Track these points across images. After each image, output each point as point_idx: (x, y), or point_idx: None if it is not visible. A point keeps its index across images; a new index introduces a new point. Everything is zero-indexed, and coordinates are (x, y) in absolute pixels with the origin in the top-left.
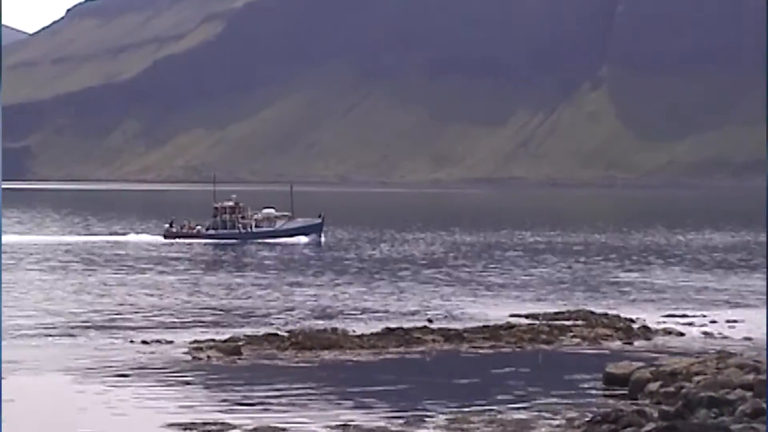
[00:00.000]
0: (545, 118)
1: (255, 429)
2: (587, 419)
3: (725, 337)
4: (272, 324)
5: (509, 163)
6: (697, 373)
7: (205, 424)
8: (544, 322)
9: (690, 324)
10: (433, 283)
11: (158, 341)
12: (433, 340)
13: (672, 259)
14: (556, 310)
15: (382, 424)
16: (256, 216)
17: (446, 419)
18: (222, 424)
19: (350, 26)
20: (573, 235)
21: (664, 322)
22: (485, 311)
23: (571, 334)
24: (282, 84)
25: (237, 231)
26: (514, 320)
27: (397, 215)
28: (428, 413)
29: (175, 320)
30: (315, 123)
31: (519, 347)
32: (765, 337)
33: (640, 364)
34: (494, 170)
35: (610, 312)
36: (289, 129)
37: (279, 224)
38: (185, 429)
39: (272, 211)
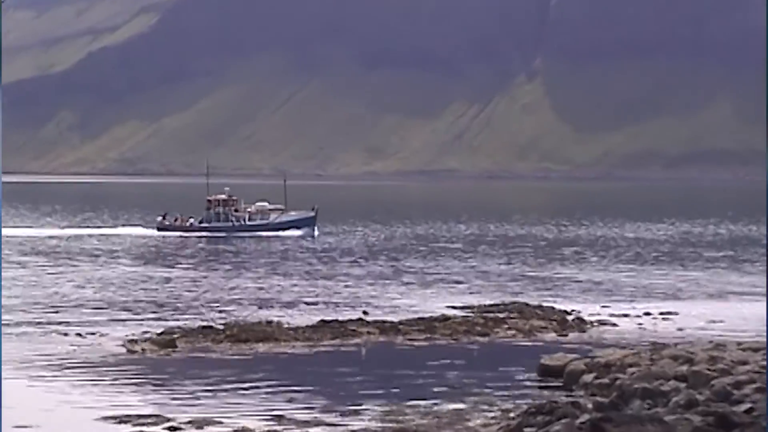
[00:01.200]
0: (480, 111)
1: (189, 422)
2: (522, 411)
3: (659, 329)
4: (209, 317)
5: (444, 155)
6: (631, 365)
7: (139, 417)
8: (479, 314)
9: (624, 316)
10: (369, 276)
11: (93, 334)
12: (369, 333)
13: (606, 252)
14: (491, 303)
15: (317, 416)
16: (249, 209)
17: (381, 411)
18: (156, 417)
19: (285, 18)
20: (508, 227)
21: (599, 314)
22: (420, 303)
23: (506, 326)
24: (216, 76)
25: (230, 224)
26: (449, 312)
27: (333, 208)
28: (363, 406)
29: (113, 313)
30: (250, 115)
31: (454, 339)
32: (698, 330)
33: (575, 356)
34: (429, 162)
35: (544, 304)
36: (224, 121)
37: (273, 217)
38: (119, 422)
39: (266, 204)
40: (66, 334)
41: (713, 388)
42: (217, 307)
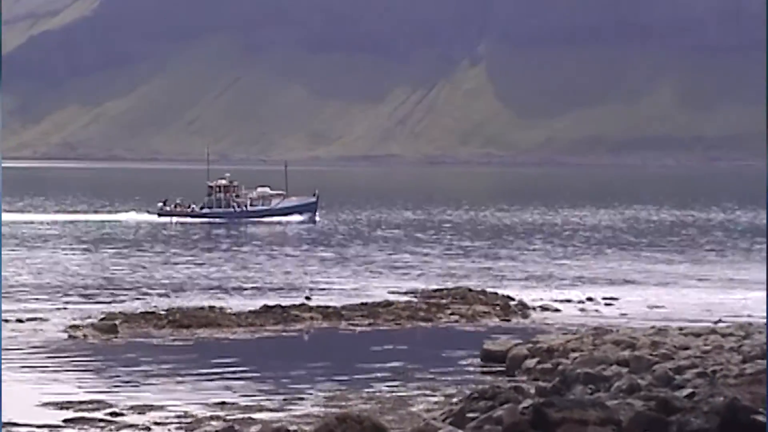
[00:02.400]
0: (423, 96)
1: (131, 407)
2: (465, 396)
3: (602, 314)
4: (153, 302)
5: (387, 140)
6: (573, 350)
7: (80, 402)
8: (422, 299)
9: (567, 301)
10: (313, 261)
11: (34, 320)
12: (312, 318)
13: (550, 237)
14: (435, 288)
15: (259, 402)
16: (250, 195)
17: (324, 397)
18: (98, 402)
19: (227, 2)
20: (451, 212)
21: (542, 300)
22: (364, 289)
23: (449, 311)
24: (159, 60)
25: (232, 210)
26: (392, 298)
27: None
28: (306, 391)
29: (55, 299)
30: (192, 100)
31: (397, 325)
32: (640, 315)
33: (518, 341)
34: (372, 148)
35: (488, 290)
36: (167, 106)
37: (274, 203)
38: (60, 408)
39: (267, 189)
40: (6, 321)
41: (655, 373)
42: (162, 292)
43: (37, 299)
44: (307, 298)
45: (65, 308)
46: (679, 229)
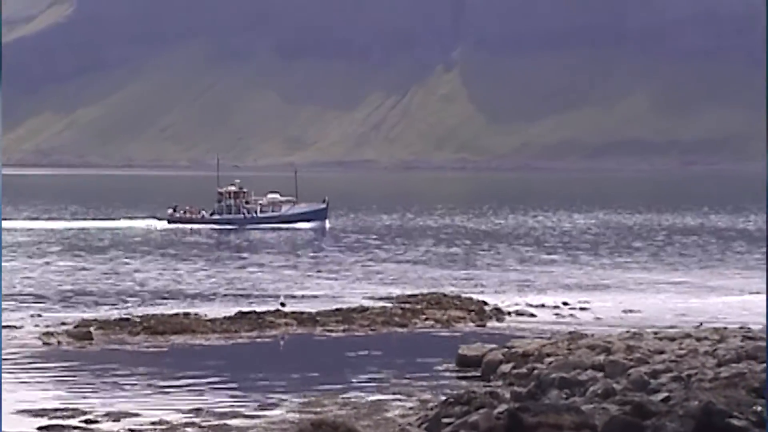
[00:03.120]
0: (398, 101)
1: (106, 414)
2: (440, 401)
3: (577, 319)
4: (127, 308)
5: (362, 146)
6: (548, 355)
7: (55, 410)
8: (397, 304)
9: (542, 306)
10: (288, 267)
11: (7, 327)
12: (286, 324)
13: (525, 242)
14: (410, 293)
15: (234, 408)
16: (260, 201)
17: (300, 403)
18: (72, 410)
19: (202, 8)
20: (426, 218)
21: (517, 304)
22: (339, 294)
23: (424, 316)
24: (133, 67)
25: (242, 216)
26: (367, 303)
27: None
28: (281, 397)
29: (30, 306)
30: (167, 106)
31: (372, 330)
32: (615, 319)
33: (493, 346)
34: (347, 153)
35: (463, 295)
36: (141, 112)
37: (284, 209)
38: (34, 415)
39: (277, 195)
40: None
41: (630, 377)
42: (138, 299)
43: (11, 307)
44: (282, 304)
45: (39, 315)
46: (655, 233)
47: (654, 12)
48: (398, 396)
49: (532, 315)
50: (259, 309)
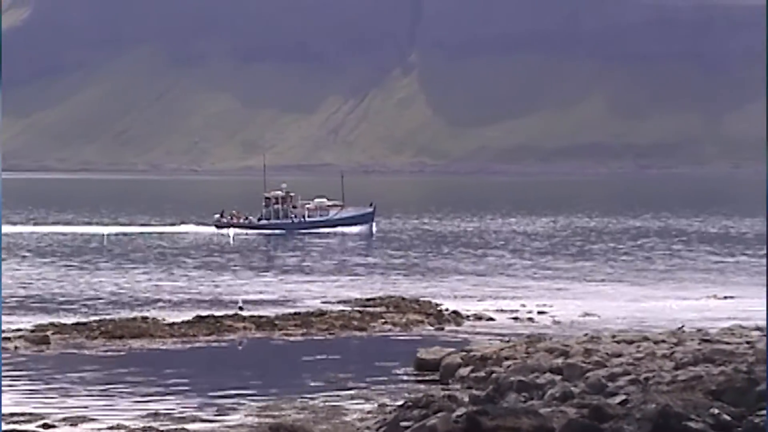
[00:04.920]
0: (356, 105)
1: (63, 419)
2: (398, 405)
3: (535, 322)
4: (85, 313)
5: (320, 149)
6: (507, 358)
7: (12, 415)
8: (355, 308)
9: (500, 309)
10: (246, 271)
11: None
12: (245, 328)
13: (482, 246)
14: (368, 297)
15: (193, 412)
16: (307, 205)
17: (258, 407)
18: (29, 414)
19: (159, 12)
20: (385, 221)
21: (475, 308)
22: (297, 298)
23: (383, 320)
24: (90, 70)
25: (289, 221)
26: (325, 307)
27: (209, 202)
28: (239, 401)
29: None
30: (123, 110)
31: (331, 334)
32: (573, 323)
33: (451, 349)
34: (305, 157)
35: (421, 298)
36: (98, 116)
37: (331, 213)
38: None
39: (324, 200)
40: None
41: (588, 380)
42: (97, 304)
43: None
44: (240, 308)
45: None
46: (613, 236)
47: (609, 16)
48: (356, 400)
49: (491, 318)
50: (217, 313)
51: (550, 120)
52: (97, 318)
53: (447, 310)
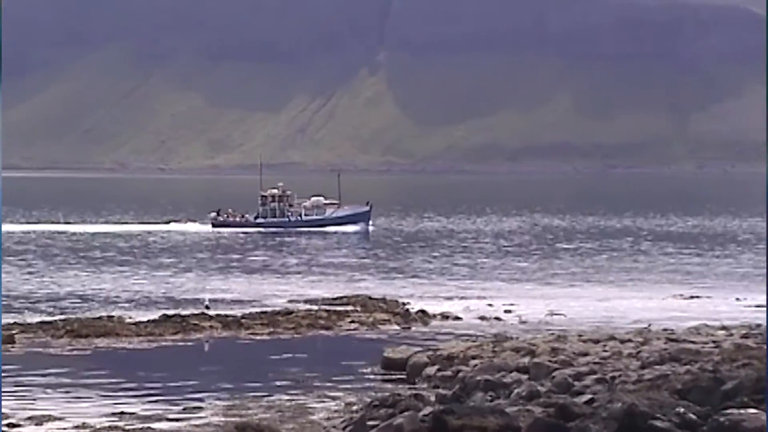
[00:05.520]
0: (323, 104)
1: (28, 418)
2: (365, 404)
3: (501, 322)
4: (50, 311)
5: (287, 148)
6: (473, 357)
7: None
8: (322, 307)
9: (467, 308)
10: (212, 270)
11: None
12: (211, 327)
13: (449, 245)
14: (335, 296)
15: (158, 411)
16: (304, 204)
17: (224, 406)
18: None
19: (127, 10)
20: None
21: (442, 307)
22: (264, 297)
23: (350, 319)
24: (57, 68)
25: (286, 219)
26: (292, 306)
27: (176, 201)
28: (206, 400)
29: None
30: (91, 108)
31: (297, 333)
32: (540, 322)
33: (418, 348)
34: (272, 156)
35: (388, 297)
36: (64, 114)
37: (328, 212)
38: None
39: (321, 198)
40: None
41: (554, 379)
42: (62, 302)
43: None
44: (207, 307)
45: None
46: (579, 236)
47: (577, 16)
48: (323, 399)
49: (458, 318)
50: (184, 312)
51: (518, 119)
52: (62, 317)
53: (414, 309)
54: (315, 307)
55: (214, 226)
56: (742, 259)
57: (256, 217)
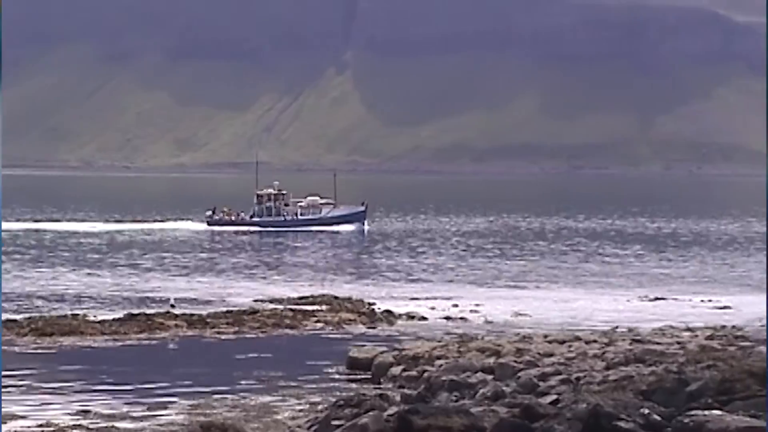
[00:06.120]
0: (289, 103)
1: None
2: (330, 403)
3: (467, 322)
4: (14, 309)
5: (253, 147)
6: (438, 357)
7: None
8: (288, 307)
9: (433, 308)
10: (178, 269)
11: None
12: (176, 326)
13: (415, 244)
14: (300, 295)
15: (123, 410)
16: (300, 203)
17: (189, 405)
18: None
19: (93, 8)
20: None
21: (407, 307)
22: (229, 296)
23: (315, 318)
24: (22, 67)
25: (282, 218)
26: (258, 305)
27: (142, 200)
28: (170, 399)
29: None
30: (56, 106)
31: (263, 332)
32: (505, 322)
33: (383, 348)
34: (238, 155)
35: (353, 297)
36: (30, 112)
37: (324, 212)
38: None
39: (317, 198)
40: None
41: (519, 380)
42: (27, 300)
43: None
44: (172, 306)
45: None
46: (546, 236)
47: (542, 17)
48: (288, 398)
49: (423, 318)
50: (149, 311)
51: (484, 120)
52: (27, 315)
53: (380, 309)
54: (281, 307)
55: (209, 224)
56: (707, 261)
57: (252, 216)
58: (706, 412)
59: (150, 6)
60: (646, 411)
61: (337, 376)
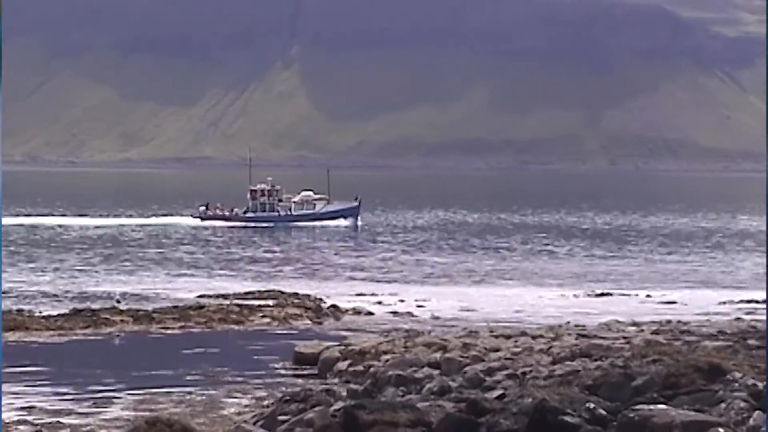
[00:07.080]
0: (236, 98)
1: None
2: (276, 399)
3: (414, 317)
4: None
5: (200, 142)
6: (385, 352)
7: None
8: (234, 302)
9: (379, 303)
10: (124, 264)
11: None
12: (122, 321)
13: (363, 239)
14: (246, 290)
15: (68, 406)
16: (294, 199)
17: (134, 400)
18: None
19: (38, 2)
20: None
21: (354, 302)
22: (175, 291)
23: (261, 314)
24: None
25: (276, 214)
26: (203, 300)
27: (86, 195)
28: (116, 394)
29: None
30: (2, 101)
31: (209, 328)
32: (452, 317)
33: (330, 343)
34: (184, 150)
35: (300, 292)
36: None
37: (318, 207)
38: None
39: (310, 193)
40: None
41: (466, 374)
42: None
43: None
44: (117, 301)
45: None
46: (492, 232)
47: (490, 13)
48: (234, 393)
49: (370, 313)
50: (94, 306)
51: (431, 115)
52: None
53: (326, 304)
54: (227, 302)
55: (202, 220)
56: (654, 256)
57: (245, 212)
58: (652, 407)
59: (96, 1)
60: (592, 405)
61: (283, 372)
